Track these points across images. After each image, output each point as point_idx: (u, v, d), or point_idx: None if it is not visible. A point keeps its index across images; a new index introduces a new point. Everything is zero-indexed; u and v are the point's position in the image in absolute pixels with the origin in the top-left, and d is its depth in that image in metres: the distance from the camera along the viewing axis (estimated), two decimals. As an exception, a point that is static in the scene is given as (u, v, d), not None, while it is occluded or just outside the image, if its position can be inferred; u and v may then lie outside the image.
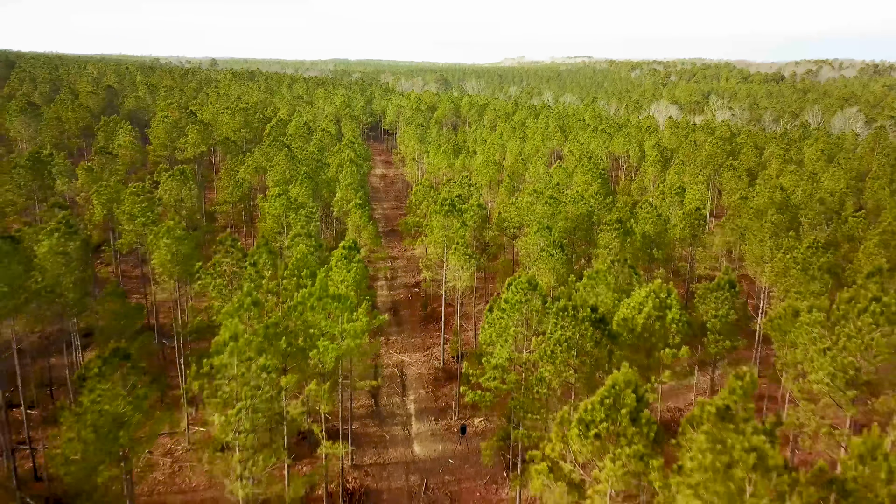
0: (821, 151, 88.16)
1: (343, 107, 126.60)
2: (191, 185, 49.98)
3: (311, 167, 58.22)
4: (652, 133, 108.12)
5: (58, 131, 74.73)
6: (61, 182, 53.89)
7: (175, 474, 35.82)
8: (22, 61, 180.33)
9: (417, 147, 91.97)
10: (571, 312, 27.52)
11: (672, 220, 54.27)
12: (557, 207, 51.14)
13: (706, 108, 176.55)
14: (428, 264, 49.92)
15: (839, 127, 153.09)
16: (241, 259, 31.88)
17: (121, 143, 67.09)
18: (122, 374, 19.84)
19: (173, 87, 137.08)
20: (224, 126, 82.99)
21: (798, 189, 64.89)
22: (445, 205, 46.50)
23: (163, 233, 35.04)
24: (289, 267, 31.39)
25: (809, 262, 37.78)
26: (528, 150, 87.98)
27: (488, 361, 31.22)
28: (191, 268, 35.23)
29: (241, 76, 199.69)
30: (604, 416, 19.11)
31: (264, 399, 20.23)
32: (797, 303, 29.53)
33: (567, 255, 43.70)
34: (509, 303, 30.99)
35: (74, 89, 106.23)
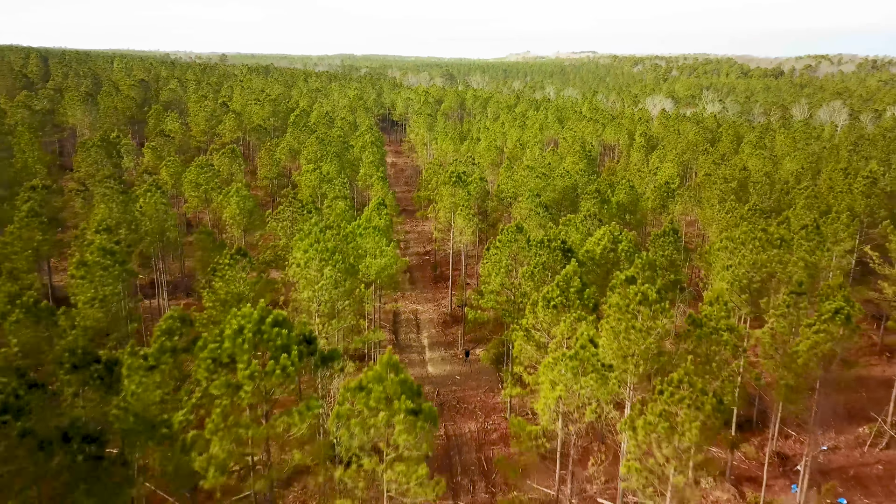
0: (792, 139, 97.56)
1: (356, 99, 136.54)
2: (240, 161, 59.98)
3: (337, 148, 68.12)
4: (643, 123, 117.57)
5: (115, 118, 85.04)
6: (128, 160, 63.95)
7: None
8: (51, 56, 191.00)
9: (426, 135, 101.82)
10: (547, 244, 37.38)
11: (646, 194, 64.00)
12: (547, 181, 60.89)
13: (697, 102, 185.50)
14: (438, 227, 59.80)
15: (824, 119, 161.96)
16: (299, 208, 41.76)
17: (170, 128, 77.19)
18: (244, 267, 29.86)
19: (200, 81, 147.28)
20: (255, 115, 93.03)
21: (762, 170, 74.39)
22: (452, 177, 56.31)
23: (233, 192, 45.03)
24: (332, 218, 41.37)
25: (746, 219, 47.40)
26: (526, 138, 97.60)
27: (486, 287, 41.19)
28: (254, 219, 45.22)
29: (257, 71, 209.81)
30: (559, 293, 28.96)
31: (331, 288, 30.13)
32: (716, 239, 39.23)
33: (553, 216, 53.47)
34: (502, 242, 40.93)
35: (116, 83, 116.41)
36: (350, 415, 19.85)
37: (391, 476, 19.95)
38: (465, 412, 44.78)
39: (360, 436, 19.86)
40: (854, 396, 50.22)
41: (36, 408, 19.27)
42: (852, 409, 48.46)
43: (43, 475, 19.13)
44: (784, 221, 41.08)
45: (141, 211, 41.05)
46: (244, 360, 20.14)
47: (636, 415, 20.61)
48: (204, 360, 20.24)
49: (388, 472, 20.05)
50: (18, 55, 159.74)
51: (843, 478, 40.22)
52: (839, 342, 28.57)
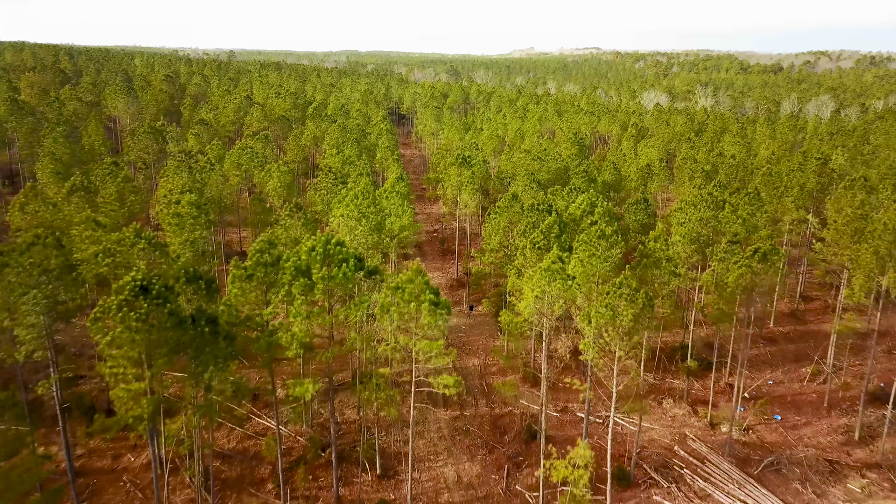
0: (771, 130, 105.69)
1: (367, 93, 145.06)
2: (272, 146, 68.57)
3: (356, 135, 76.67)
4: (636, 116, 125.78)
5: (154, 109, 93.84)
6: (173, 145, 72.65)
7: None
8: (73, 52, 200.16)
9: (434, 125, 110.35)
10: (536, 207, 45.96)
11: (629, 175, 72.42)
12: (542, 164, 69.37)
13: (690, 96, 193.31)
14: (445, 202, 68.39)
15: (812, 113, 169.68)
16: (334, 180, 50.38)
17: (208, 118, 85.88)
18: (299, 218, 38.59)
19: (219, 76, 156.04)
20: (277, 107, 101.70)
21: (736, 155, 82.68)
22: (459, 158, 64.85)
23: (274, 169, 53.71)
24: (359, 189, 49.94)
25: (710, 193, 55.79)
26: (526, 128, 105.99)
27: (487, 246, 49.83)
28: (291, 191, 53.86)
29: (269, 67, 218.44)
30: (542, 237, 37.56)
31: (366, 235, 38.77)
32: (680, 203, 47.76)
33: (544, 190, 61.93)
34: (500, 208, 49.53)
35: (147, 78, 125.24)
36: (390, 305, 28.52)
37: (419, 348, 28.64)
38: (470, 352, 53.46)
39: (397, 320, 28.55)
40: (803, 346, 58.77)
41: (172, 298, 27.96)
42: (800, 356, 56.99)
43: (180, 343, 27.77)
44: (735, 192, 49.43)
45: (202, 181, 49.63)
46: (317, 268, 28.86)
47: (590, 308, 29.19)
48: (289, 269, 28.95)
49: (416, 346, 28.73)
50: (49, 52, 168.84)
51: (783, 402, 48.73)
52: (758, 275, 37.03)
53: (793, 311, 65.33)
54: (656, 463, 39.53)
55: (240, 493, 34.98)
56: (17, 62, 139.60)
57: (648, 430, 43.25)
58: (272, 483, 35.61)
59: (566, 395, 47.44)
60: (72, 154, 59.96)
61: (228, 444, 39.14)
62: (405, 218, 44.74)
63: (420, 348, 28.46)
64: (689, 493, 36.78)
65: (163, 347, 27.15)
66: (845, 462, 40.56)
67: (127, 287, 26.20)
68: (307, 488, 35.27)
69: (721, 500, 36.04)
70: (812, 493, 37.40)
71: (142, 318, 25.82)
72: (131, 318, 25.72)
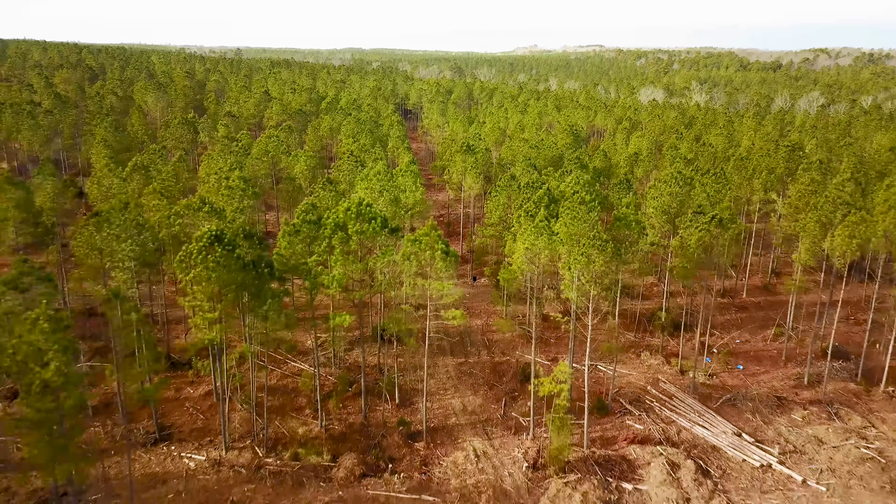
0: (757, 123, 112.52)
1: (375, 89, 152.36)
2: (294, 135, 75.86)
3: (370, 126, 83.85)
4: (631, 111, 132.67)
5: (183, 103, 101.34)
6: (203, 134, 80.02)
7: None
8: (93, 50, 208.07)
9: (440, 119, 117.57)
10: (531, 185, 53.17)
11: (619, 162, 79.49)
12: (538, 151, 76.52)
13: (686, 92, 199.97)
14: (451, 186, 75.61)
15: (803, 108, 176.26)
16: (355, 161, 57.65)
17: (234, 111, 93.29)
18: (330, 190, 45.96)
19: (234, 73, 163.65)
20: (293, 102, 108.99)
21: (718, 145, 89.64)
22: (464, 146, 72.06)
23: (301, 154, 61.00)
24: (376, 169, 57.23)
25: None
26: (526, 121, 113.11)
27: (488, 220, 57.07)
28: (315, 173, 61.13)
29: (279, 64, 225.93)
30: (533, 205, 44.80)
31: (387, 206, 46.03)
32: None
33: (539, 173, 69.08)
34: (500, 187, 56.76)
35: (170, 74, 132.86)
36: (411, 253, 35.81)
37: (434, 287, 35.94)
38: (473, 315, 60.73)
39: (416, 266, 35.85)
40: (771, 313, 65.80)
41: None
42: (767, 321, 64.02)
43: (244, 283, 35.04)
44: (705, 172, 56.49)
45: (241, 163, 56.88)
46: (352, 223, 36.18)
47: (570, 258, 36.42)
48: (329, 225, 36.27)
49: (432, 286, 36.04)
50: (73, 50, 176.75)
51: (747, 356, 55.80)
52: (716, 238, 44.15)
53: (765, 285, 72.37)
54: (631, 398, 46.74)
55: (283, 416, 42.30)
56: (44, 60, 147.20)
57: (626, 375, 50.46)
58: (309, 409, 42.96)
59: (556, 349, 54.73)
60: (118, 141, 67.31)
61: (270, 382, 46.46)
62: (417, 194, 52.01)
63: (434, 287, 35.76)
64: (658, 420, 43.97)
65: (231, 285, 34.50)
66: (792, 399, 47.71)
67: (205, 236, 33.56)
68: (339, 414, 42.60)
69: (683, 424, 43.24)
70: (760, 421, 44.55)
71: (216, 260, 33.15)
72: (209, 260, 33.06)
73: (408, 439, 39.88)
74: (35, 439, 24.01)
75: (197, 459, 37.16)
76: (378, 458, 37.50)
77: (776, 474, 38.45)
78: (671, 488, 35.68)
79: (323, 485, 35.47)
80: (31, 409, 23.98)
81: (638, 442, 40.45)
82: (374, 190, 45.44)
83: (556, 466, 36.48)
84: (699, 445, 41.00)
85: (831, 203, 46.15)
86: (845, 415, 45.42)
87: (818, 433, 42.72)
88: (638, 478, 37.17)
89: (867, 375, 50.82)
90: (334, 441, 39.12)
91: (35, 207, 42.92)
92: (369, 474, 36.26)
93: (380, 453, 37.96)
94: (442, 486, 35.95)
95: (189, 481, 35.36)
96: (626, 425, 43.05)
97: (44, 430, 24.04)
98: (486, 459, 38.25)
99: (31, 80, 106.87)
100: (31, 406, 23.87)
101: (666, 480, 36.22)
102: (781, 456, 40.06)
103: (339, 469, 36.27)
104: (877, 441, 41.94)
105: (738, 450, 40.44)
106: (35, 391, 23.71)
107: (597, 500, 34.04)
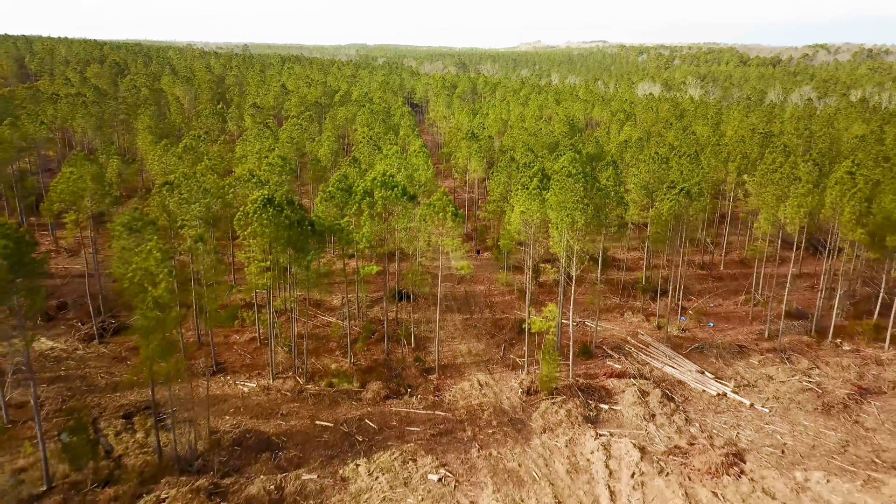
0: (744, 115, 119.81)
1: (384, 84, 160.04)
2: (316, 123, 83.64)
3: (383, 116, 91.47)
4: (627, 104, 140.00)
5: (210, 95, 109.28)
6: (231, 123, 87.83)
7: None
8: (108, 47, 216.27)
9: (445, 111, 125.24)
10: (528, 165, 60.84)
11: (610, 149, 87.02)
12: (537, 139, 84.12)
13: (683, 87, 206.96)
14: (457, 170, 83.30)
15: (794, 102, 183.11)
16: (374, 146, 65.44)
17: (254, 102, 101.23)
18: (356, 168, 53.84)
19: (251, 69, 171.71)
20: (310, 95, 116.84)
21: (702, 134, 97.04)
22: (469, 133, 79.71)
23: (325, 139, 68.78)
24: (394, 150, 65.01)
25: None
26: (527, 113, 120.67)
27: (490, 198, 64.75)
28: (337, 156, 68.86)
29: (289, 60, 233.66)
30: (529, 179, 52.48)
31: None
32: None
33: (536, 157, 76.71)
34: (500, 167, 64.46)
35: (192, 69, 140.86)
36: (426, 215, 43.57)
37: (445, 242, 43.72)
38: (477, 282, 68.52)
39: (432, 226, 43.61)
40: (744, 283, 73.36)
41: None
42: (740, 289, 71.58)
43: (290, 238, 42.80)
44: (682, 155, 64.05)
45: (271, 147, 64.65)
46: (377, 190, 43.99)
47: (555, 219, 44.11)
48: (359, 191, 44.09)
49: (444, 241, 43.82)
50: (95, 47, 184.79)
51: (718, 316, 63.37)
52: (684, 207, 51.74)
53: (742, 259, 79.94)
54: (612, 346, 54.49)
55: (318, 356, 50.16)
56: (70, 56, 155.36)
57: (610, 330, 58.18)
58: (339, 351, 50.82)
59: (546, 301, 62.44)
60: (160, 128, 75.14)
61: (304, 331, 54.33)
62: (428, 173, 59.74)
63: (446, 243, 43.56)
64: (634, 362, 51.70)
65: (280, 240, 42.33)
66: (752, 348, 55.39)
67: (259, 199, 41.40)
68: (364, 354, 50.46)
69: (655, 365, 50.96)
70: (722, 364, 52.23)
71: (268, 218, 40.96)
72: (262, 217, 40.88)
73: (423, 373, 47.73)
74: (148, 342, 31.85)
75: (249, 386, 45.08)
76: (399, 385, 45.35)
77: (729, 401, 46.16)
78: (640, 408, 43.42)
79: (355, 403, 43.37)
80: (145, 319, 31.82)
81: (615, 376, 48.20)
82: (393, 167, 53.16)
83: (546, 391, 44.26)
84: (667, 380, 48.72)
85: (786, 179, 53.72)
86: (795, 359, 53.06)
87: (769, 372, 50.41)
88: (614, 401, 44.93)
89: (819, 331, 58.43)
90: (362, 373, 46.96)
91: (106, 180, 50.74)
92: (392, 396, 44.12)
93: (400, 381, 45.82)
94: (452, 405, 43.78)
95: (245, 400, 43.30)
96: (606, 365, 50.78)
97: (155, 335, 31.87)
98: (488, 387, 46.06)
99: (68, 74, 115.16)
100: (145, 316, 31.71)
101: (636, 402, 43.97)
102: (736, 388, 47.76)
103: (366, 392, 44.15)
104: (817, 377, 49.62)
105: (699, 383, 48.17)
106: (148, 305, 31.55)
107: (578, 415, 41.81)
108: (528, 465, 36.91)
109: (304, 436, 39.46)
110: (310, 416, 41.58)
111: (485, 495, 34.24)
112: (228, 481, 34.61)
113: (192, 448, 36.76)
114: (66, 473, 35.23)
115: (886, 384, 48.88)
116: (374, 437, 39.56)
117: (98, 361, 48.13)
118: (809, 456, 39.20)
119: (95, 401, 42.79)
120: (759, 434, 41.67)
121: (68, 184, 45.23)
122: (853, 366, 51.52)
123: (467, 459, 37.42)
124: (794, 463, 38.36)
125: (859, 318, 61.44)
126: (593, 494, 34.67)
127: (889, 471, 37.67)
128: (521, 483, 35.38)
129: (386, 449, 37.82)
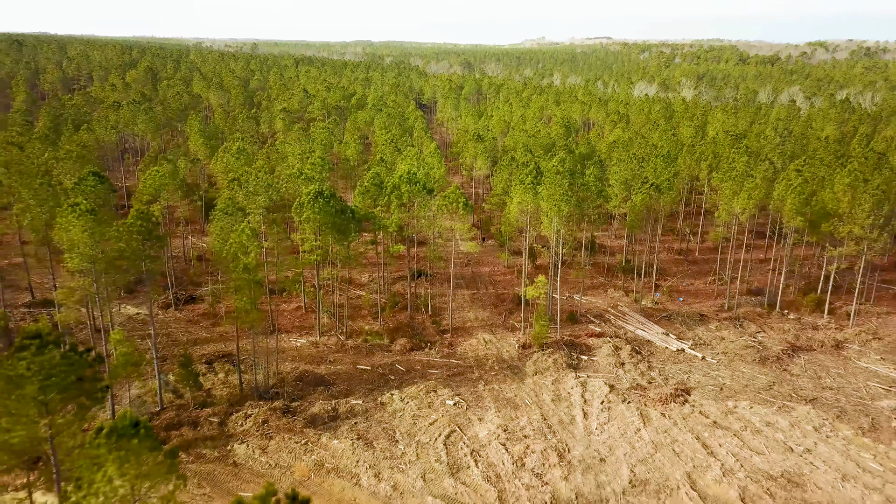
0: (730, 116, 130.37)
1: (394, 86, 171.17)
2: (340, 126, 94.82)
3: (399, 119, 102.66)
4: (623, 105, 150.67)
5: (241, 99, 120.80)
6: (263, 125, 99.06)
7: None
8: (137, 51, 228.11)
9: (453, 113, 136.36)
10: (526, 164, 71.93)
11: (600, 149, 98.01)
12: (535, 140, 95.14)
13: (678, 87, 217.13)
14: (464, 168, 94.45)
15: (785, 101, 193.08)
16: (394, 148, 76.57)
17: (284, 106, 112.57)
18: (384, 166, 65.20)
19: (268, 71, 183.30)
20: (330, 99, 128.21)
21: (686, 134, 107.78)
22: (475, 135, 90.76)
23: (351, 141, 80.00)
24: (412, 151, 76.21)
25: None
26: (528, 115, 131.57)
27: (494, 191, 75.92)
28: (363, 154, 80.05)
29: (302, 61, 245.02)
30: (525, 175, 63.67)
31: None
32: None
33: (534, 156, 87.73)
34: (502, 166, 75.60)
35: (219, 73, 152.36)
36: (442, 205, 54.76)
37: (458, 227, 54.96)
38: (482, 265, 79.76)
39: (447, 213, 54.83)
40: (715, 266, 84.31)
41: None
42: (710, 271, 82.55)
43: (335, 224, 53.96)
44: (659, 155, 75.00)
45: (312, 149, 75.95)
46: (403, 185, 55.27)
47: (546, 208, 55.21)
48: (389, 186, 55.35)
49: (456, 226, 55.06)
50: (125, 49, 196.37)
51: (688, 293, 74.37)
52: (654, 199, 62.71)
53: (716, 246, 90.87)
54: (595, 314, 65.64)
55: (353, 320, 61.50)
56: (103, 60, 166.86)
57: (594, 303, 69.32)
58: (370, 317, 62.14)
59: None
60: (208, 131, 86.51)
61: (339, 301, 65.67)
62: (441, 171, 70.96)
63: (458, 227, 54.78)
64: (612, 326, 62.85)
65: (328, 225, 53.57)
66: (712, 317, 66.46)
67: (312, 191, 52.67)
68: (391, 319, 61.75)
69: (629, 328, 62.09)
70: (685, 328, 63.29)
71: (319, 207, 52.19)
72: (315, 206, 52.13)
73: (439, 332, 59.04)
74: (239, 297, 43.13)
75: (301, 342, 56.47)
76: (420, 341, 56.65)
77: (686, 355, 57.28)
78: (613, 358, 54.59)
79: (386, 354, 54.72)
80: (236, 281, 43.11)
81: (595, 336, 59.37)
82: (412, 166, 64.33)
83: (537, 345, 55.48)
84: (638, 340, 59.87)
85: (741, 176, 64.65)
86: (746, 325, 64.09)
87: (723, 334, 61.49)
88: (592, 354, 56.12)
89: (771, 304, 69.41)
90: (390, 332, 58.27)
91: (179, 177, 62.10)
92: (415, 349, 55.42)
93: (421, 338, 57.12)
94: (463, 356, 55.07)
95: (300, 351, 54.70)
96: (588, 328, 61.97)
97: (244, 293, 43.17)
98: (492, 343, 57.31)
99: (113, 80, 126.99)
100: (237, 279, 43.00)
101: (610, 354, 55.13)
102: (693, 346, 58.86)
103: (395, 346, 55.47)
104: (761, 338, 60.69)
105: (663, 342, 59.31)
106: (240, 270, 42.85)
107: (563, 363, 53.01)
108: (522, 396, 48.18)
109: (349, 375, 50.83)
110: (352, 362, 52.97)
111: (489, 414, 45.52)
112: (296, 404, 45.99)
113: (266, 382, 48.17)
114: (172, 400, 46.75)
115: (816, 343, 59.95)
116: (404, 376, 50.91)
117: (176, 324, 59.64)
118: (742, 392, 50.32)
119: (181, 352, 54.23)
120: (706, 377, 52.82)
121: (154, 180, 56.61)
122: (792, 329, 62.58)
123: (475, 391, 48.73)
124: (729, 396, 49.50)
125: (807, 294, 72.38)
126: (571, 415, 45.89)
127: (801, 401, 48.79)
128: (517, 407, 46.67)
129: (413, 384, 49.13)
